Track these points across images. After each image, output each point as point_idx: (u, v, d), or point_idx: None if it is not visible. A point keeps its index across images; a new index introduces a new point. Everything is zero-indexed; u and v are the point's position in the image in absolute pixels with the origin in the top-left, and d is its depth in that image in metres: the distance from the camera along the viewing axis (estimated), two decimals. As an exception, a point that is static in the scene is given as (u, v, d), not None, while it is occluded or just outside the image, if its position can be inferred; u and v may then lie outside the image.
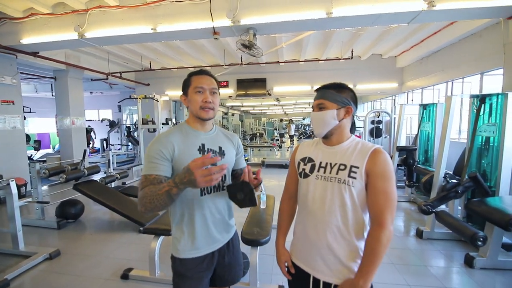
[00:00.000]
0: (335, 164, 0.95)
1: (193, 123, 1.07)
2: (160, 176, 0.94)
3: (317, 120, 0.98)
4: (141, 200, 0.89)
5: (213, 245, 1.07)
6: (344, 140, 0.99)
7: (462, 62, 4.71)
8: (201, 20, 3.34)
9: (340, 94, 0.96)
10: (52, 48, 4.24)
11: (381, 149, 0.91)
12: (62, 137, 6.01)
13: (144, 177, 0.94)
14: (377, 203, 0.87)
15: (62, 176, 3.24)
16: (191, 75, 1.05)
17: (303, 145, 1.12)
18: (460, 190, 2.70)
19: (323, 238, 0.94)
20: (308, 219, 1.00)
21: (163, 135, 1.01)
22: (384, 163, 0.88)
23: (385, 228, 0.85)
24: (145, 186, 0.91)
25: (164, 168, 0.96)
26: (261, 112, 21.36)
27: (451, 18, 3.56)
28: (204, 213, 1.03)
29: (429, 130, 4.28)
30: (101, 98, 11.70)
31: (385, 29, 4.97)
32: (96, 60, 6.42)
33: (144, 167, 0.97)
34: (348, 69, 7.19)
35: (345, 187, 0.91)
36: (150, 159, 0.96)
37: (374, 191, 0.88)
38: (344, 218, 0.92)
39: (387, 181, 0.87)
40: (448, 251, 2.65)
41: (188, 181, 0.81)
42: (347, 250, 0.92)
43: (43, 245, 2.73)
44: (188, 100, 1.04)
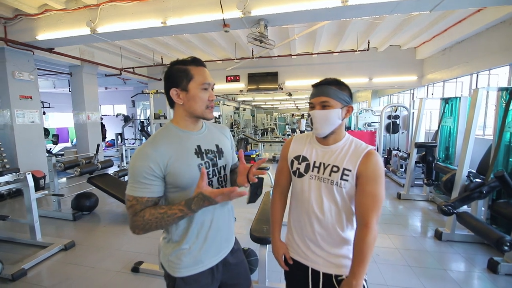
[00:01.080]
0: (328, 165, 0.96)
1: (184, 123, 0.92)
2: (153, 198, 0.84)
3: (322, 119, 0.93)
4: (141, 226, 0.81)
5: (218, 255, 0.97)
6: (340, 140, 0.98)
7: (489, 53, 4.38)
8: (211, 12, 3.27)
9: (342, 92, 0.93)
10: (66, 44, 4.31)
11: (374, 151, 0.92)
12: (78, 131, 6.19)
13: (133, 199, 0.81)
14: (364, 204, 0.90)
15: (77, 169, 3.32)
16: (187, 65, 0.88)
17: (296, 141, 1.08)
18: (485, 190, 2.52)
19: (319, 234, 0.98)
20: (303, 217, 1.01)
21: (149, 147, 0.84)
22: (375, 166, 0.90)
23: (370, 228, 0.88)
24: (140, 210, 0.81)
25: (156, 188, 0.83)
26: (273, 106, 21.17)
27: (478, 4, 3.28)
28: (207, 220, 0.92)
29: (451, 126, 4.03)
30: (115, 93, 11.97)
31: (405, 18, 4.69)
32: (109, 55, 6.52)
33: (130, 185, 0.82)
34: (363, 61, 6.91)
35: (337, 188, 0.93)
36: (138, 177, 0.81)
37: (363, 193, 0.90)
38: (337, 216, 0.96)
39: (376, 183, 0.89)
40: (470, 254, 2.49)
41: (209, 204, 0.80)
42: (342, 241, 0.97)
43: (59, 236, 2.83)
44: (189, 96, 0.87)
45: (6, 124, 4.46)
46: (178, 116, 0.93)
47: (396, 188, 4.65)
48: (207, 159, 0.92)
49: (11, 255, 2.45)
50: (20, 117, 4.53)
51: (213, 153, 0.95)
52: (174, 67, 0.89)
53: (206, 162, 0.91)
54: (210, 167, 0.92)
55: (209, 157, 0.93)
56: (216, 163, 0.95)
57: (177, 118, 0.93)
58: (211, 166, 0.93)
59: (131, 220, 0.82)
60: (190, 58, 0.90)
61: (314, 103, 0.95)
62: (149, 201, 0.82)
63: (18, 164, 4.49)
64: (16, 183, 2.55)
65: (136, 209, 0.81)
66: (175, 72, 0.88)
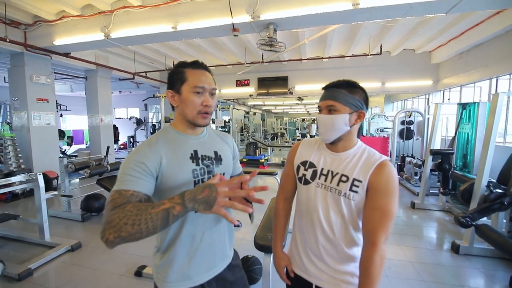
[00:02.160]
0: (336, 174, 0.89)
1: (181, 126, 0.88)
2: (140, 193, 0.71)
3: (326, 124, 0.87)
4: (115, 222, 0.63)
5: (210, 272, 0.89)
6: (351, 147, 0.91)
7: (508, 57, 4.16)
8: (220, 17, 3.29)
9: (353, 96, 0.85)
10: (82, 49, 4.47)
11: (388, 161, 0.85)
12: (92, 133, 6.37)
13: (116, 193, 0.69)
14: (372, 220, 0.82)
15: (87, 171, 3.38)
16: (185, 67, 0.85)
17: (304, 145, 1.02)
18: (506, 201, 2.35)
19: (324, 248, 0.91)
20: (307, 228, 0.95)
21: (145, 145, 0.80)
22: (388, 178, 0.82)
23: (377, 247, 0.80)
24: (120, 204, 0.67)
25: (146, 184, 0.74)
26: (283, 111, 21.10)
27: (497, 6, 3.12)
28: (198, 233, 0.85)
29: (469, 132, 3.83)
30: (129, 97, 12.31)
31: (419, 21, 4.56)
32: (123, 60, 6.72)
33: (117, 179, 0.73)
34: (376, 65, 6.77)
35: (345, 200, 0.86)
36: (127, 170, 0.73)
37: (372, 207, 0.83)
38: (343, 229, 0.89)
39: (387, 198, 0.81)
40: (490, 270, 2.32)
41: (205, 199, 0.66)
42: (348, 258, 0.90)
43: (67, 237, 2.87)
44: (181, 99, 0.84)
45: (23, 126, 4.64)
46: (176, 118, 0.90)
47: (410, 197, 4.45)
48: (202, 165, 0.86)
49: (19, 254, 2.50)
50: (36, 119, 4.70)
51: (210, 159, 0.89)
52: (174, 69, 0.88)
53: (201, 169, 0.86)
54: (205, 174, 0.86)
55: (205, 164, 0.87)
56: (212, 170, 0.88)
57: (175, 121, 0.90)
58: (206, 173, 0.87)
59: (106, 217, 0.65)
60: (192, 61, 0.87)
61: (321, 107, 0.89)
62: (134, 196, 0.69)
63: (33, 164, 4.65)
64: (28, 183, 2.62)
65: (116, 202, 0.67)
66: (173, 74, 0.86)
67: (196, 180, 0.84)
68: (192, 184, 0.83)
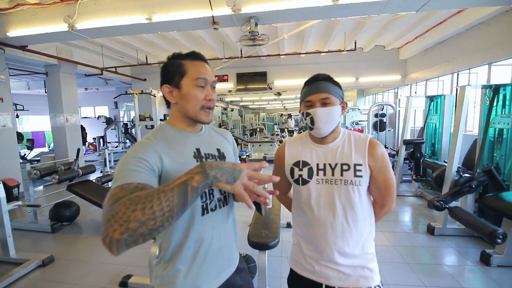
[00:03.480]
0: (336, 165, 0.89)
1: (180, 123, 0.81)
2: (146, 185, 0.61)
3: (325, 117, 0.86)
4: (120, 213, 0.50)
5: (219, 278, 0.82)
6: (338, 136, 0.93)
7: (468, 53, 4.57)
8: (199, 9, 3.15)
9: (338, 88, 0.90)
10: (42, 41, 4.02)
11: (374, 139, 0.91)
12: (56, 135, 5.80)
13: (117, 188, 0.58)
14: (379, 191, 0.91)
15: (55, 177, 3.07)
16: (182, 59, 0.77)
17: (289, 145, 0.99)
18: (474, 184, 2.59)
19: (334, 244, 0.89)
20: (314, 228, 0.92)
21: (141, 143, 0.72)
22: (382, 155, 0.89)
23: (386, 207, 0.94)
24: (123, 196, 0.56)
25: (151, 178, 0.65)
26: (260, 107, 21.15)
27: (461, 5, 3.39)
28: (207, 237, 0.78)
29: (436, 123, 4.15)
30: (96, 94, 11.43)
31: (391, 19, 4.80)
32: (89, 54, 6.18)
33: (114, 179, 0.62)
34: (350, 61, 7.02)
35: (353, 187, 0.87)
36: (127, 166, 0.64)
37: (376, 182, 0.90)
38: (353, 219, 0.89)
39: (386, 170, 0.89)
40: (462, 248, 2.55)
41: (230, 170, 0.59)
42: (360, 249, 0.90)
43: (36, 251, 2.58)
44: (182, 94, 0.76)
45: (-27, 129, 4.08)
46: (173, 116, 0.82)
47: (386, 185, 4.73)
48: None
49: (-20, 275, 2.20)
50: (-11, 120, 4.16)
51: (214, 157, 0.83)
52: (169, 62, 0.79)
53: None
54: None
55: None
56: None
57: (172, 119, 0.82)
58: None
59: (107, 213, 0.52)
60: (188, 52, 0.79)
61: (313, 101, 0.87)
62: (138, 188, 0.59)
63: (-12, 172, 4.12)
64: (-15, 194, 2.30)
65: (118, 197, 0.56)
66: (169, 66, 0.78)
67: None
68: None
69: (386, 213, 0.97)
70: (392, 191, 0.91)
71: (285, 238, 2.74)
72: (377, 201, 0.95)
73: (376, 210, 0.96)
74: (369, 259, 0.91)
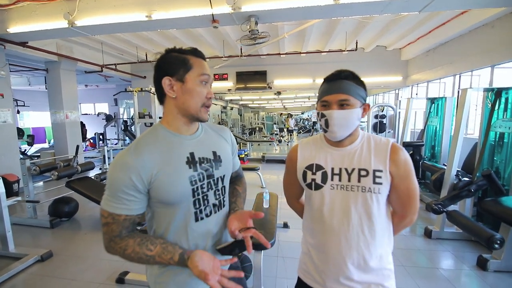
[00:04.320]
0: (353, 170, 0.81)
1: (175, 123, 0.77)
2: (133, 216, 0.72)
3: (341, 121, 0.79)
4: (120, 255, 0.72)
5: None
6: (356, 139, 0.85)
7: (471, 54, 4.53)
8: (199, 7, 3.13)
9: (360, 88, 0.80)
10: (41, 37, 4.01)
11: (396, 144, 0.83)
12: (56, 131, 5.82)
13: (109, 216, 0.70)
14: (400, 201, 0.84)
15: (54, 173, 3.08)
16: (185, 53, 0.76)
17: (302, 148, 0.92)
18: (473, 189, 2.57)
19: (348, 257, 0.81)
20: (327, 237, 0.85)
21: (131, 156, 0.70)
22: (405, 161, 0.81)
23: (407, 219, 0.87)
24: (118, 234, 0.72)
25: (137, 205, 0.72)
26: (260, 106, 21.11)
27: (465, 6, 3.35)
28: (201, 242, 0.79)
29: (437, 125, 4.13)
30: (96, 91, 11.44)
31: (393, 19, 4.76)
32: (89, 51, 6.17)
33: (106, 196, 0.70)
34: (351, 61, 6.98)
35: (371, 195, 0.80)
36: (116, 191, 0.69)
37: (397, 191, 0.82)
38: (370, 230, 0.81)
39: (409, 178, 0.81)
40: (459, 252, 2.54)
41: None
42: (377, 263, 0.83)
43: (35, 246, 2.60)
44: (185, 89, 0.74)
45: (-27, 124, 4.09)
46: (168, 114, 0.78)
47: (385, 187, 4.71)
48: (201, 170, 0.78)
49: (-22, 270, 2.21)
50: (-11, 116, 4.16)
51: (209, 162, 0.80)
52: (169, 54, 0.76)
53: (199, 174, 0.77)
54: (204, 179, 0.78)
55: (203, 167, 0.79)
56: (212, 173, 0.80)
57: (167, 117, 0.78)
58: (206, 178, 0.79)
59: (107, 242, 0.72)
60: (189, 48, 0.78)
61: (330, 101, 0.79)
62: (127, 220, 0.71)
63: (-12, 167, 4.13)
64: (-16, 190, 2.31)
65: (113, 230, 0.71)
66: (171, 59, 0.75)
67: (195, 187, 0.76)
68: (190, 193, 0.75)
69: (406, 226, 0.89)
70: (415, 201, 0.83)
71: (281, 238, 2.75)
72: (397, 212, 0.87)
73: (395, 221, 0.88)
74: (386, 275, 0.84)
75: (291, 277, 2.09)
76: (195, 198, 0.77)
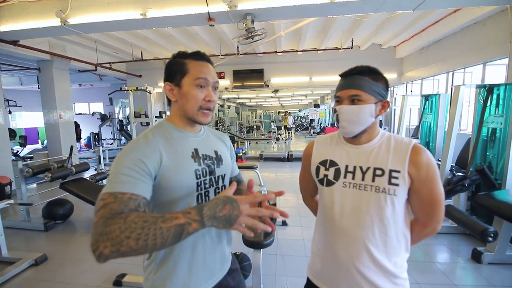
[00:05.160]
0: (368, 169, 0.78)
1: (180, 122, 0.81)
2: (139, 196, 0.62)
3: (350, 117, 0.77)
4: (114, 234, 0.53)
5: (212, 280, 0.82)
6: (374, 137, 0.81)
7: (464, 52, 4.60)
8: (195, 5, 3.11)
9: (378, 83, 0.77)
10: (33, 36, 3.94)
11: (420, 145, 0.76)
12: (49, 132, 5.73)
13: (110, 196, 0.59)
14: (421, 207, 0.78)
15: (48, 174, 3.03)
16: (185, 58, 0.78)
17: (319, 143, 0.92)
18: (466, 183, 2.62)
19: (357, 258, 0.78)
20: (336, 237, 0.82)
21: (143, 139, 0.71)
22: (428, 164, 0.74)
23: (429, 227, 0.80)
24: (120, 212, 0.57)
25: (145, 186, 0.65)
26: (257, 104, 21.12)
27: (457, 4, 3.41)
28: (199, 241, 0.77)
29: (431, 122, 4.18)
30: (91, 90, 11.28)
31: (387, 17, 4.79)
32: (83, 49, 6.08)
33: (109, 180, 0.63)
34: (346, 59, 7.01)
35: (385, 196, 0.75)
36: (123, 169, 0.63)
37: (418, 195, 0.76)
38: (382, 234, 0.76)
39: (432, 183, 0.75)
40: (454, 245, 2.58)
41: (226, 217, 0.58)
42: (387, 272, 0.77)
43: (29, 250, 2.56)
44: (182, 93, 0.76)
45: (-37, 125, 4.00)
46: (173, 114, 0.82)
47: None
48: (204, 165, 0.79)
49: (-29, 274, 2.17)
50: (-20, 117, 4.07)
51: (211, 159, 0.82)
52: (172, 60, 0.80)
53: (203, 169, 0.79)
54: (207, 175, 0.79)
55: (206, 163, 0.80)
56: (213, 170, 0.82)
57: (172, 117, 0.82)
58: (208, 174, 0.80)
59: (100, 226, 0.54)
60: (194, 52, 0.80)
61: (342, 97, 0.79)
62: (132, 200, 0.60)
63: (-21, 169, 4.05)
64: (-24, 192, 2.26)
65: (112, 208, 0.57)
66: (171, 64, 0.79)
67: (199, 181, 0.77)
68: (194, 186, 0.76)
69: (428, 235, 0.82)
70: (439, 208, 0.76)
71: (280, 236, 2.75)
72: (418, 219, 0.81)
73: (416, 229, 0.81)
74: (400, 285, 0.78)
75: (290, 275, 2.10)
76: (198, 193, 0.77)
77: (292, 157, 6.87)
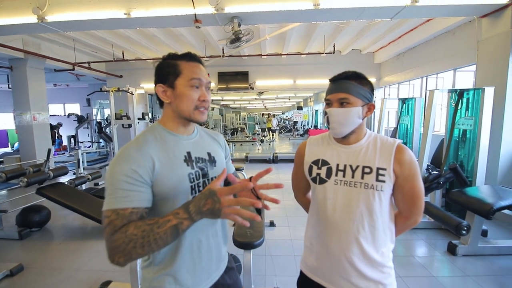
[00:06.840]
0: (357, 167, 0.84)
1: (173, 124, 0.80)
2: (140, 208, 0.66)
3: (340, 118, 0.83)
4: (121, 248, 0.60)
5: (209, 280, 0.84)
6: (362, 138, 0.88)
7: (436, 59, 4.93)
8: (181, 6, 3.08)
9: (364, 87, 0.83)
10: (7, 33, 3.69)
11: (403, 145, 0.84)
12: (22, 134, 5.37)
13: (112, 213, 0.63)
14: (404, 201, 0.86)
15: (23, 179, 2.85)
16: (177, 59, 0.78)
17: (311, 143, 0.97)
18: (441, 181, 2.80)
19: (348, 251, 0.84)
20: (328, 231, 0.88)
21: (134, 147, 0.71)
22: (410, 162, 0.82)
23: (411, 219, 0.88)
24: (122, 226, 0.62)
25: (143, 196, 0.67)
26: (241, 106, 21.13)
27: (430, 15, 3.66)
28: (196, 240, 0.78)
29: (408, 124, 4.43)
30: (67, 90, 10.73)
31: (367, 25, 5.03)
32: (59, 48, 5.79)
33: (108, 197, 0.65)
34: (328, 63, 7.25)
35: (373, 192, 0.82)
36: (118, 184, 0.65)
37: (402, 191, 0.84)
38: (371, 227, 0.83)
39: (413, 179, 0.83)
40: (431, 239, 2.75)
41: (210, 210, 0.62)
42: (375, 262, 0.84)
43: (2, 260, 2.38)
44: (176, 94, 0.77)
45: None
46: (166, 116, 0.81)
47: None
48: (197, 168, 0.80)
49: None
50: None
51: (204, 162, 0.82)
52: (163, 62, 0.80)
53: (196, 172, 0.79)
54: (200, 177, 0.80)
55: (199, 166, 0.80)
56: (206, 173, 0.82)
57: (165, 119, 0.81)
58: (201, 177, 0.80)
59: (108, 242, 0.61)
60: (183, 53, 0.80)
61: (331, 100, 0.85)
62: (133, 214, 0.64)
63: None
64: None
65: (115, 225, 0.62)
66: (163, 66, 0.79)
67: (193, 185, 0.78)
68: (189, 190, 0.76)
69: (410, 226, 0.90)
70: (419, 202, 0.85)
71: (268, 237, 2.78)
72: (401, 212, 0.88)
73: (400, 221, 0.89)
74: (386, 273, 0.85)
75: (279, 274, 2.14)
76: (193, 196, 0.78)
77: (277, 159, 6.94)
